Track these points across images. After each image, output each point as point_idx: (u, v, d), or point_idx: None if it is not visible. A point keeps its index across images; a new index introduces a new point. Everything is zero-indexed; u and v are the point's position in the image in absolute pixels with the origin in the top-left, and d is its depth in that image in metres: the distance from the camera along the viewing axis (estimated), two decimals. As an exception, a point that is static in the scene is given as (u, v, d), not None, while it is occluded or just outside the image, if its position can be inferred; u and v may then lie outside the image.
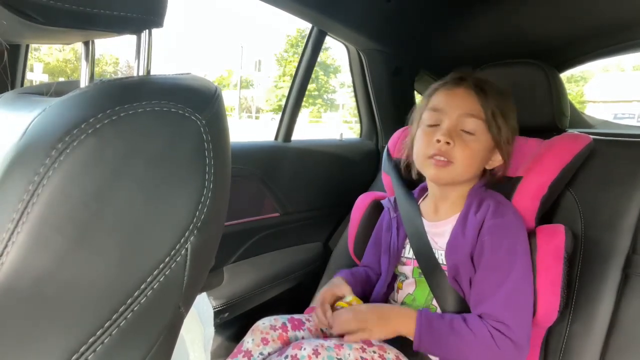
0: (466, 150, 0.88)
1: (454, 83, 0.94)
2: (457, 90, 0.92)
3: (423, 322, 0.83)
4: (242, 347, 0.93)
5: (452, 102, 0.91)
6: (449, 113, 0.90)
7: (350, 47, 1.69)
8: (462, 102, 0.90)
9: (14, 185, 0.32)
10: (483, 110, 0.89)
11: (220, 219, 0.42)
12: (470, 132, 0.89)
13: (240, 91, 19.56)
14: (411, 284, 1.00)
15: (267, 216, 1.44)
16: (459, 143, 0.88)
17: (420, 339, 0.83)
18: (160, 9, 0.45)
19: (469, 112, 0.89)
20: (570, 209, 1.01)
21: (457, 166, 0.89)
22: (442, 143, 0.88)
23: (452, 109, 0.90)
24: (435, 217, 1.00)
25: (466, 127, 0.89)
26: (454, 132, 0.89)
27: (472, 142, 0.89)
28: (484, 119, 0.89)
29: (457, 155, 0.88)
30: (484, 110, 0.89)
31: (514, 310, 0.82)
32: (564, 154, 0.96)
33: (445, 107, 0.91)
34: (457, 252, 0.90)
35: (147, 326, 0.35)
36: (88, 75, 0.53)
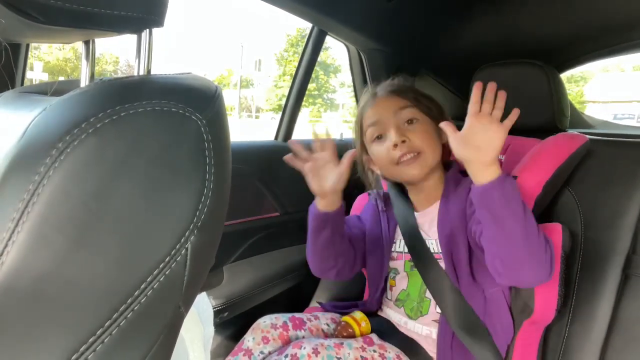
0: (420, 135, 0.95)
1: (372, 97, 1.04)
2: (378, 100, 1.02)
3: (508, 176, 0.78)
4: (242, 345, 0.93)
5: (381, 109, 1.00)
6: (385, 119, 0.98)
7: (350, 46, 1.69)
8: (388, 104, 0.99)
9: (14, 185, 0.32)
10: (407, 99, 0.98)
11: (221, 218, 0.42)
12: (412, 120, 0.97)
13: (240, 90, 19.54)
14: (403, 278, 1.01)
15: (266, 216, 1.44)
16: (411, 134, 0.95)
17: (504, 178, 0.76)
18: (160, 9, 0.45)
19: (398, 108, 0.97)
20: (570, 209, 1.01)
21: (426, 154, 0.95)
22: (399, 144, 0.94)
23: (385, 115, 0.98)
24: (421, 207, 1.03)
25: (405, 121, 0.97)
26: (401, 131, 0.95)
27: (419, 127, 0.96)
28: (412, 104, 0.97)
29: (418, 144, 0.94)
30: (407, 99, 0.98)
31: None
32: (559, 153, 0.97)
33: (379, 117, 0.99)
34: (445, 226, 0.94)
35: (147, 326, 0.35)
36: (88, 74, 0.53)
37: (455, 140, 0.80)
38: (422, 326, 0.95)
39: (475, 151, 0.77)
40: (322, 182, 0.92)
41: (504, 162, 1.09)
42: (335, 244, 0.98)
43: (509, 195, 0.75)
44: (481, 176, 0.78)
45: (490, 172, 0.77)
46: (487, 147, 0.76)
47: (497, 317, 0.90)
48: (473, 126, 0.78)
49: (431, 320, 0.95)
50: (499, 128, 0.76)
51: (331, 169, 0.92)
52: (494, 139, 0.76)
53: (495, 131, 0.76)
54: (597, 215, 0.98)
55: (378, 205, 1.10)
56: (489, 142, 0.76)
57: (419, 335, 0.95)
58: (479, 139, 0.77)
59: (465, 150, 0.79)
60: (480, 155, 0.77)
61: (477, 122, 0.78)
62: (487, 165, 0.77)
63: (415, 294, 0.98)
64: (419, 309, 0.97)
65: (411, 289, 0.99)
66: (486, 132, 0.77)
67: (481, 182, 0.77)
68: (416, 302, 0.97)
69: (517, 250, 0.76)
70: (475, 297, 0.90)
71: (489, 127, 0.77)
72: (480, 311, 0.90)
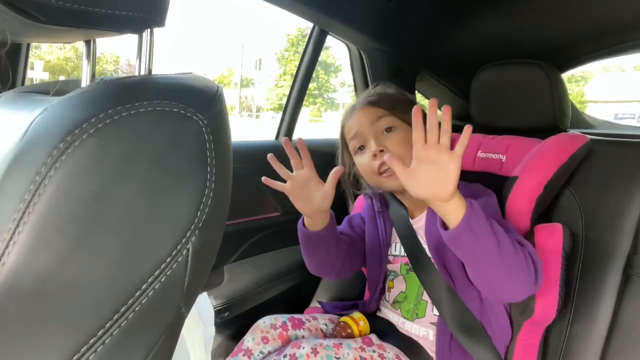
0: (398, 144, 0.94)
1: (350, 111, 1.03)
2: (356, 112, 1.01)
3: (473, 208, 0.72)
4: (242, 345, 0.93)
5: (360, 120, 0.99)
6: (363, 130, 0.97)
7: (351, 46, 1.69)
8: (364, 115, 0.98)
9: (15, 185, 0.32)
10: (383, 108, 0.97)
11: (222, 219, 0.42)
12: (390, 129, 0.95)
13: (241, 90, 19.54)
14: (401, 281, 1.01)
15: (267, 215, 1.44)
16: (389, 143, 0.94)
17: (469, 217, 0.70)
18: (161, 8, 0.44)
19: (375, 117, 0.96)
20: (571, 209, 1.01)
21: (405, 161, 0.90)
22: (378, 154, 0.93)
23: (363, 126, 0.97)
24: (414, 213, 1.03)
25: (383, 129, 0.95)
26: (380, 140, 0.94)
27: (398, 135, 0.95)
28: (389, 113, 0.96)
29: (397, 153, 0.92)
30: (383, 108, 0.97)
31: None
32: (560, 153, 0.97)
33: (357, 128, 0.98)
34: (432, 233, 0.93)
35: (148, 326, 0.35)
36: (89, 74, 0.53)
37: (405, 178, 0.73)
38: (419, 327, 0.96)
39: (430, 187, 0.70)
40: (306, 203, 0.89)
41: (505, 162, 1.09)
42: (331, 254, 0.98)
43: (478, 231, 0.70)
44: (444, 214, 0.73)
45: (453, 209, 0.71)
46: (442, 182, 0.69)
47: (494, 318, 0.90)
48: (421, 160, 0.71)
49: (428, 323, 0.95)
50: (451, 157, 0.68)
51: (315, 188, 0.88)
52: (447, 171, 0.68)
53: (447, 162, 0.68)
54: (598, 215, 0.98)
55: (374, 206, 1.09)
56: (443, 175, 0.69)
57: (416, 337, 0.95)
58: (431, 174, 0.70)
59: (419, 188, 0.72)
60: (437, 190, 0.70)
61: (426, 156, 0.70)
62: (446, 201, 0.70)
63: (413, 296, 0.98)
64: (415, 311, 0.97)
65: (409, 292, 0.99)
66: (437, 165, 0.69)
67: (448, 224, 0.73)
68: (413, 304, 0.98)
69: (497, 275, 0.74)
70: (471, 299, 0.90)
71: (438, 159, 0.69)
72: (477, 312, 0.90)
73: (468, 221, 0.70)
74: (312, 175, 0.89)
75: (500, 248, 0.71)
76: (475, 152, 1.15)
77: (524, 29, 1.53)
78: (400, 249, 1.01)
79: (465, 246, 0.73)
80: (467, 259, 0.76)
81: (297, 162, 0.90)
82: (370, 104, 0.99)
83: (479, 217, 0.71)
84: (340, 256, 1.00)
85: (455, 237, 0.72)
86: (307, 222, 0.95)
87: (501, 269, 0.73)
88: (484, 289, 0.80)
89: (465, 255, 0.75)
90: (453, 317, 0.89)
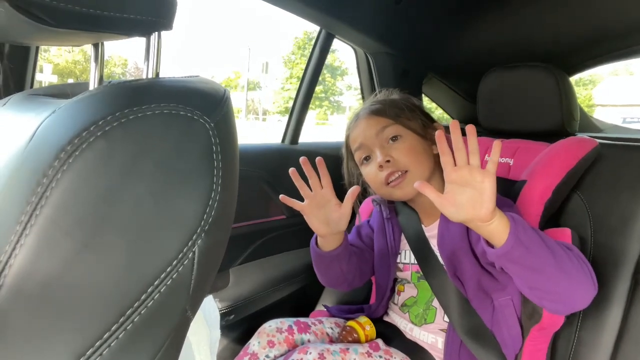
0: (404, 153, 0.91)
1: (354, 120, 1.01)
2: (359, 122, 0.99)
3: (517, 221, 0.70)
4: (247, 349, 0.93)
5: (362, 131, 0.96)
6: (368, 141, 0.95)
7: (358, 49, 1.69)
8: (368, 124, 0.96)
9: (22, 188, 0.32)
10: (388, 118, 0.94)
11: (228, 221, 0.42)
12: (396, 137, 0.93)
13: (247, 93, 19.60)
14: (412, 288, 1.00)
15: (273, 218, 1.44)
16: (395, 153, 0.91)
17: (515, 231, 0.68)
18: (169, 12, 0.45)
19: (380, 127, 0.94)
20: (579, 214, 1.00)
21: (412, 172, 0.91)
22: (384, 165, 0.91)
23: (367, 136, 0.95)
24: (426, 222, 1.01)
25: (388, 138, 0.93)
26: (385, 150, 0.92)
27: (403, 144, 0.92)
28: (394, 122, 0.93)
29: (403, 162, 0.91)
30: (389, 118, 0.94)
31: None
32: (569, 157, 0.96)
33: (362, 139, 0.96)
34: (446, 243, 0.91)
35: (154, 329, 0.35)
36: (97, 77, 0.54)
37: (441, 205, 0.70)
38: (427, 334, 0.95)
39: (468, 210, 0.68)
40: (322, 224, 0.89)
41: (512, 166, 1.08)
42: (343, 269, 0.98)
43: (528, 243, 0.68)
44: (489, 235, 0.70)
45: (496, 227, 0.68)
46: (479, 202, 0.67)
47: (506, 326, 0.89)
48: (454, 183, 0.69)
49: (437, 330, 0.94)
50: (484, 175, 0.66)
51: (332, 210, 0.88)
52: (483, 190, 0.66)
53: (481, 180, 0.66)
54: (607, 220, 0.96)
55: (383, 213, 1.08)
56: (479, 195, 0.67)
57: (424, 343, 0.95)
58: (466, 196, 0.68)
59: (457, 212, 0.69)
60: (476, 212, 0.67)
61: (458, 178, 0.68)
62: (488, 220, 0.68)
63: (423, 302, 0.97)
64: (423, 316, 0.96)
65: (420, 298, 0.99)
66: (471, 185, 0.67)
67: (494, 242, 0.70)
68: (422, 309, 0.97)
69: (559, 284, 0.70)
70: (483, 307, 0.89)
71: (472, 179, 0.67)
72: (487, 320, 0.89)
73: (516, 235, 0.67)
74: (331, 197, 0.88)
75: (555, 256, 0.69)
76: (482, 156, 1.14)
77: (532, 32, 1.52)
78: (410, 256, 1.00)
79: (518, 261, 0.69)
80: (523, 275, 0.72)
81: (316, 182, 0.88)
82: (374, 113, 0.97)
83: (525, 228, 0.69)
84: (352, 270, 1.00)
85: (506, 254, 0.68)
86: (320, 241, 0.94)
87: (561, 277, 0.70)
88: (546, 302, 0.74)
89: (520, 271, 0.71)
90: (463, 323, 0.88)
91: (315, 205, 0.88)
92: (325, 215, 0.88)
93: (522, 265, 0.70)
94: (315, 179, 0.88)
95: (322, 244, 0.94)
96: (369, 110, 0.98)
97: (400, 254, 1.04)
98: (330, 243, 0.93)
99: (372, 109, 0.98)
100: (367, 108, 1.00)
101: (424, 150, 0.94)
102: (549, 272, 0.69)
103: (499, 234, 0.69)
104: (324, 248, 0.94)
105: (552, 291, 0.72)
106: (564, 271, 0.70)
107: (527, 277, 0.71)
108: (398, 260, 1.03)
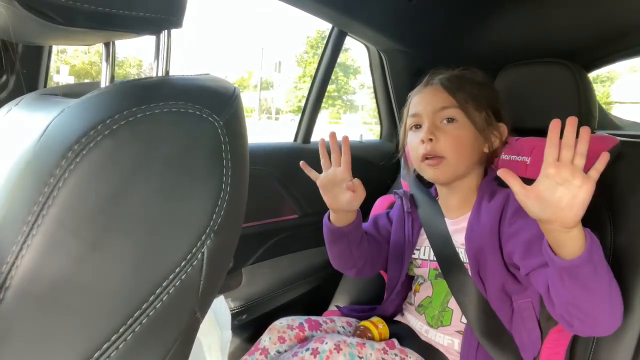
0: (450, 140, 0.90)
1: (424, 84, 0.98)
2: (427, 89, 0.96)
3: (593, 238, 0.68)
4: (259, 345, 0.93)
5: (425, 101, 0.95)
6: (424, 112, 0.93)
7: (370, 47, 1.67)
8: (433, 97, 0.94)
9: (30, 188, 0.32)
10: (455, 98, 0.91)
11: (238, 221, 0.41)
12: (450, 121, 0.91)
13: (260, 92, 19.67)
14: (428, 287, 0.99)
15: (285, 218, 1.44)
16: (442, 135, 0.90)
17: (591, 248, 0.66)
18: (179, 10, 0.44)
19: (441, 105, 0.92)
20: (598, 213, 0.97)
21: (449, 160, 0.90)
22: (426, 142, 0.90)
23: (426, 108, 0.93)
24: (451, 215, 0.99)
25: (444, 118, 0.92)
26: (434, 127, 0.91)
27: (455, 130, 0.91)
28: (457, 105, 0.91)
29: (445, 148, 0.90)
30: (455, 99, 0.91)
31: None
32: (589, 155, 0.93)
33: (420, 109, 0.95)
34: (474, 239, 0.90)
35: (162, 332, 0.35)
36: (108, 76, 0.53)
37: (527, 198, 0.66)
38: (443, 336, 0.93)
39: (556, 211, 0.64)
40: (334, 199, 0.89)
41: (530, 164, 1.06)
42: (353, 252, 0.97)
43: (598, 264, 0.65)
44: (562, 243, 0.66)
45: (573, 239, 0.65)
46: (570, 205, 0.63)
47: (525, 330, 0.87)
48: (551, 179, 0.65)
49: (454, 331, 0.93)
50: (584, 181, 0.63)
51: (344, 190, 0.88)
52: (577, 195, 0.62)
53: (579, 185, 0.63)
54: (627, 219, 0.94)
55: (404, 206, 1.07)
56: (571, 198, 0.63)
57: (439, 345, 0.93)
58: (559, 196, 0.63)
59: (541, 209, 0.65)
60: (563, 215, 0.63)
61: (557, 174, 0.64)
62: (569, 227, 0.64)
63: (438, 302, 0.96)
64: (440, 318, 0.94)
65: (435, 297, 0.97)
66: (568, 186, 0.63)
67: (564, 255, 0.66)
68: (438, 311, 0.95)
69: (603, 312, 0.69)
70: (502, 309, 0.87)
71: (571, 180, 0.63)
72: (506, 321, 0.87)
73: (590, 252, 0.64)
74: (347, 176, 0.88)
75: (611, 284, 0.67)
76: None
77: (549, 28, 1.49)
78: (429, 253, 0.99)
79: (580, 279, 0.66)
80: (574, 292, 0.68)
81: (337, 157, 0.90)
82: (444, 87, 0.93)
83: (598, 247, 0.66)
84: (362, 256, 1.00)
85: (574, 268, 0.65)
86: (332, 217, 0.95)
87: (606, 306, 0.69)
88: (577, 321, 0.71)
89: (574, 287, 0.68)
90: (481, 324, 0.86)
91: (330, 181, 0.89)
92: (338, 192, 0.89)
93: (581, 283, 0.67)
94: (337, 154, 0.90)
95: (334, 220, 0.94)
96: (441, 81, 0.95)
97: (419, 249, 1.02)
98: (342, 220, 0.93)
99: (444, 83, 0.94)
100: (441, 78, 0.96)
101: (471, 144, 0.92)
102: (599, 297, 0.68)
103: (572, 245, 0.66)
104: (336, 223, 0.94)
105: (591, 315, 0.70)
106: (611, 301, 0.69)
107: (576, 295, 0.68)
108: (416, 256, 1.02)
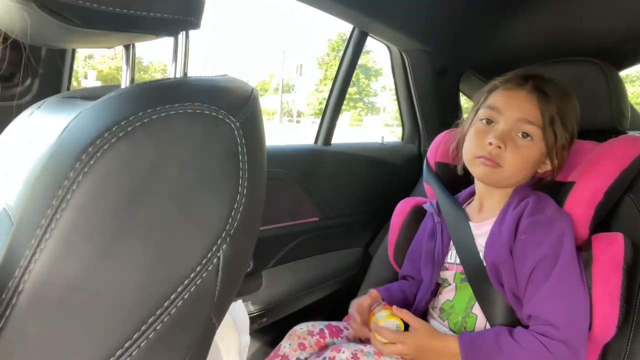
0: (517, 156, 0.85)
1: (516, 84, 0.89)
2: (518, 92, 0.88)
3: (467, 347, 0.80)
4: (278, 351, 0.93)
5: (511, 104, 0.87)
6: (505, 115, 0.86)
7: (392, 47, 1.65)
8: (521, 105, 0.86)
9: (44, 191, 0.31)
10: (542, 116, 0.85)
11: (255, 225, 0.41)
12: (525, 137, 0.85)
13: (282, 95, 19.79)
14: (451, 290, 0.96)
15: (306, 220, 1.43)
16: (511, 148, 0.84)
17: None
18: (197, 11, 0.44)
19: (526, 118, 0.85)
20: (632, 217, 0.93)
21: (505, 170, 0.86)
22: (494, 146, 0.84)
23: (509, 112, 0.86)
24: (480, 218, 0.96)
25: (521, 132, 0.85)
26: (507, 136, 0.85)
27: (525, 148, 0.85)
28: (541, 125, 0.85)
29: (507, 160, 0.85)
30: (542, 117, 0.85)
31: (561, 309, 0.77)
32: (622, 157, 0.89)
33: (503, 108, 0.87)
34: (493, 248, 0.87)
35: (176, 338, 0.34)
36: (128, 78, 0.53)
37: None
38: None
39: None
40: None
41: (558, 166, 1.02)
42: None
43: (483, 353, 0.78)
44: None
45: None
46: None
47: None
48: None
49: None
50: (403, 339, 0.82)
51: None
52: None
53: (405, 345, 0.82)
54: None
55: (434, 218, 1.04)
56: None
57: None
58: None
59: None
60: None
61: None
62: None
63: (461, 307, 0.93)
64: (463, 324, 0.92)
65: (457, 302, 0.94)
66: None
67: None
68: (461, 317, 0.93)
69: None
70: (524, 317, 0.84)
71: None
72: None
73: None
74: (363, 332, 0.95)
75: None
76: None
77: (577, 25, 1.44)
78: (456, 257, 0.97)
79: None
80: None
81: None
82: (538, 99, 0.85)
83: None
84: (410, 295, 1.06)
85: None
86: None
87: None
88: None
89: None
90: None
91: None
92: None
93: None
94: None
95: None
96: (536, 88, 0.86)
97: (448, 253, 1.00)
98: None
99: (539, 93, 0.86)
100: (537, 83, 0.87)
101: (534, 164, 0.88)
102: None
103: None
104: None
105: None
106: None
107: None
108: (445, 260, 1.00)
